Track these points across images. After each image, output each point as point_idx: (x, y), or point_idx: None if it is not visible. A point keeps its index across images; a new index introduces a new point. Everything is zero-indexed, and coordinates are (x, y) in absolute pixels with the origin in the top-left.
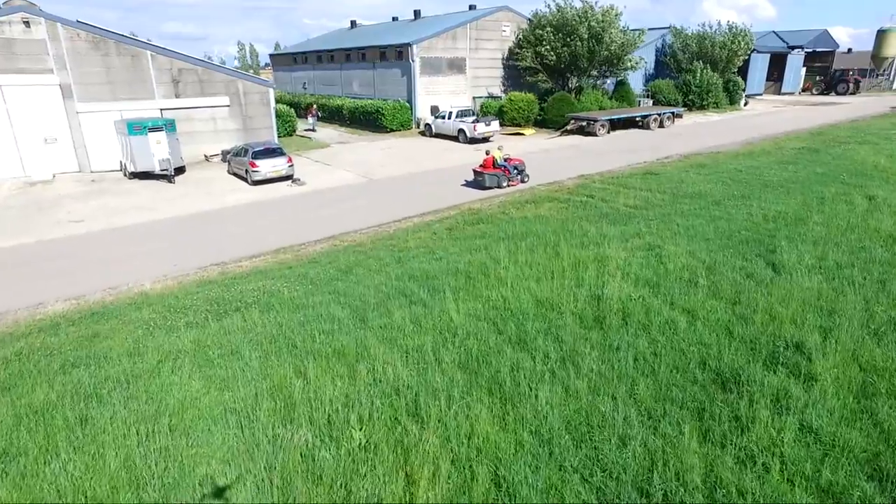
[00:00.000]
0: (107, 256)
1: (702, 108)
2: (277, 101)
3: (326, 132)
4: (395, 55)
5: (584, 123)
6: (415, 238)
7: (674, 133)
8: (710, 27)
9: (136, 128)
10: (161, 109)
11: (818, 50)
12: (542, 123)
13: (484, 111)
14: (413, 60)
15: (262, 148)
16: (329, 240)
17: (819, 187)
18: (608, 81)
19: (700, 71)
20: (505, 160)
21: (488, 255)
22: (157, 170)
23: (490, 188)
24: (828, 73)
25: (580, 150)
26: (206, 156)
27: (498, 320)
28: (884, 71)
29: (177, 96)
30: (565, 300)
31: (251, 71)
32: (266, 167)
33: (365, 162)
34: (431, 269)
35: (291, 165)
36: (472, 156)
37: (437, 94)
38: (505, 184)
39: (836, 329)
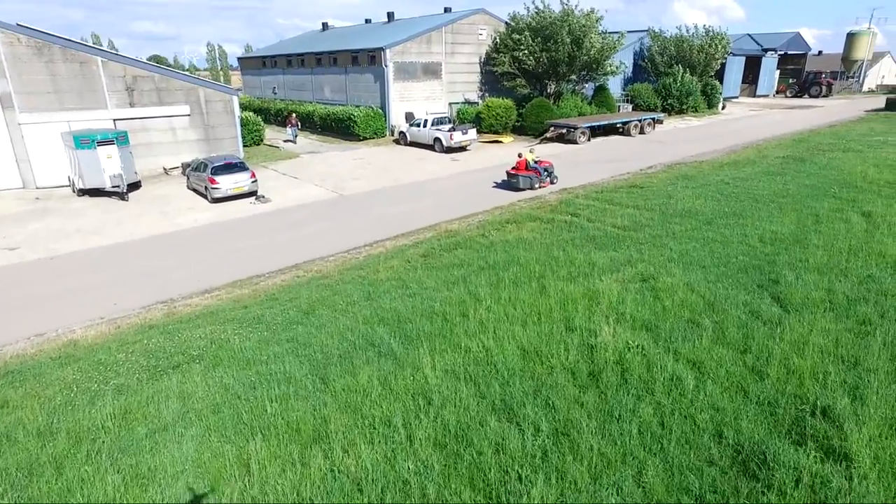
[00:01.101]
0: (38, 293)
1: (681, 112)
2: (246, 107)
3: (297, 140)
4: (368, 60)
5: (564, 131)
6: (386, 267)
7: (655, 140)
8: (688, 30)
9: (84, 141)
10: (114, 120)
11: (791, 52)
12: (520, 130)
13: (460, 118)
14: (386, 65)
15: (222, 162)
16: (292, 269)
17: (811, 202)
18: (587, 86)
19: (679, 75)
20: (535, 162)
21: (467, 290)
22: (107, 186)
23: (524, 189)
24: (801, 75)
25: (561, 160)
26: (165, 169)
27: (480, 379)
28: (854, 73)
29: (132, 105)
30: (555, 350)
31: (221, 73)
32: (227, 183)
33: (336, 174)
34: (404, 310)
35: (255, 181)
36: (450, 166)
37: (411, 100)
38: (537, 185)
39: (865, 388)
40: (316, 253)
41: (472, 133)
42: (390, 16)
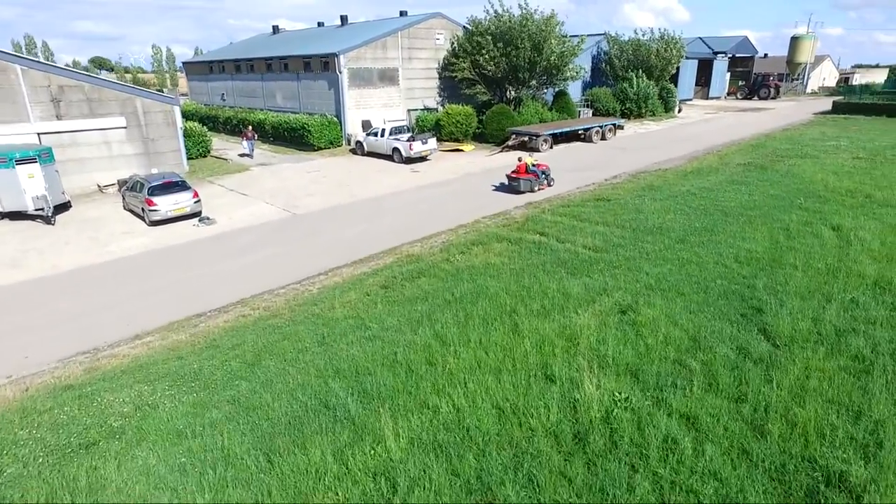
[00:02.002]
0: None
1: (639, 116)
2: (192, 115)
3: (254, 154)
4: (321, 66)
5: (526, 138)
6: (343, 302)
7: (617, 146)
8: (644, 34)
9: (0, 159)
10: (39, 134)
11: (739, 55)
12: (481, 137)
13: (420, 125)
14: (340, 72)
15: (160, 182)
16: (237, 306)
17: (779, 215)
18: (547, 92)
19: (636, 79)
20: (534, 166)
21: (433, 332)
22: (30, 209)
23: (524, 192)
24: (749, 77)
25: None
26: (99, 186)
27: (451, 449)
28: (798, 75)
29: (59, 118)
30: (534, 408)
31: (168, 77)
32: (166, 205)
33: (288, 190)
34: (363, 358)
35: (198, 201)
36: (410, 179)
37: (368, 107)
38: (536, 188)
39: (877, 447)
40: (264, 285)
41: (433, 142)
42: (344, 19)
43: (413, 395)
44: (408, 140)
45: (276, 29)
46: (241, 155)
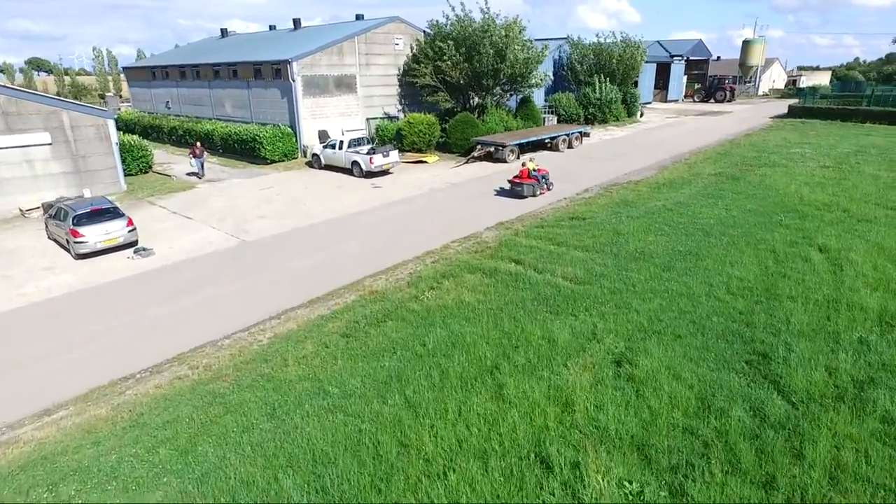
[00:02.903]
0: None
1: (603, 121)
2: (133, 125)
3: (204, 172)
4: (273, 73)
5: (492, 149)
6: (298, 357)
7: (584, 155)
8: (605, 38)
9: None
10: None
11: (694, 58)
12: (444, 147)
13: (380, 134)
14: (294, 79)
15: (87, 209)
16: (174, 364)
17: (762, 234)
18: (512, 98)
19: (599, 84)
20: (535, 170)
21: (404, 398)
22: None
23: (527, 197)
24: (705, 80)
25: (492, 184)
26: (21, 210)
27: None
28: (750, 78)
29: None
30: None
31: (111, 81)
32: (94, 236)
33: (238, 211)
34: (321, 439)
35: (133, 229)
36: (371, 196)
37: (325, 116)
38: (538, 192)
39: None
40: (207, 334)
41: (394, 155)
42: (297, 23)
43: (384, 493)
44: (368, 153)
45: (224, 32)
46: (189, 174)
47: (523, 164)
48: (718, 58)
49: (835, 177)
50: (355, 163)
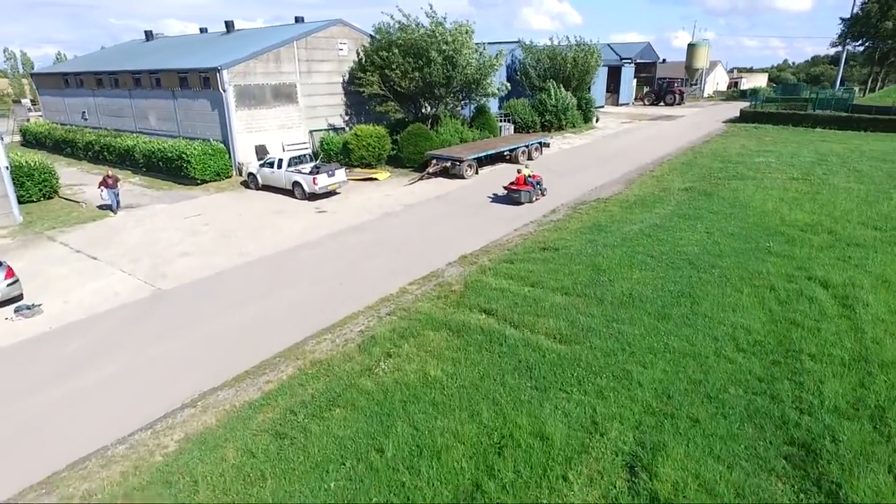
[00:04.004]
0: None
1: (560, 128)
2: (43, 139)
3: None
4: (201, 82)
5: (449, 164)
6: (213, 474)
7: (546, 167)
8: (559, 42)
9: None
10: None
11: (643, 62)
12: (396, 161)
13: (325, 149)
14: (224, 89)
15: None
16: (42, 494)
17: (753, 264)
18: (467, 107)
19: (554, 90)
20: (530, 177)
21: None
22: None
23: (524, 203)
24: (652, 83)
25: (450, 204)
26: None
27: None
28: (696, 81)
29: None
30: None
31: (26, 85)
32: None
33: (157, 246)
34: None
35: (14, 281)
36: (316, 222)
37: (262, 130)
38: (534, 198)
39: None
40: (95, 437)
41: (341, 174)
42: (229, 25)
43: None
44: (311, 172)
45: (149, 35)
46: (102, 207)
47: (518, 171)
48: (664, 60)
49: (807, 191)
50: (297, 184)
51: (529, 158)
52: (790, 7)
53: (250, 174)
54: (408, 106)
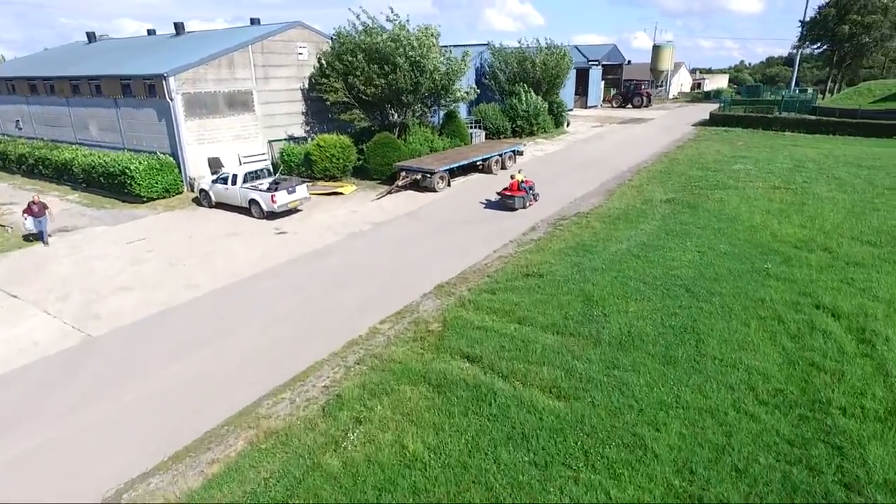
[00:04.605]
0: None
1: (531, 133)
2: None
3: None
4: (146, 90)
5: (419, 176)
6: None
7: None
8: (528, 44)
9: None
10: None
11: (609, 63)
12: (362, 172)
13: (285, 160)
14: (172, 98)
15: None
16: None
17: (754, 289)
18: (436, 114)
19: (524, 94)
20: (523, 182)
21: None
22: None
23: (518, 209)
24: (619, 85)
25: (422, 221)
26: None
27: None
28: (661, 82)
29: None
30: None
31: None
32: None
33: (92, 279)
34: None
35: None
36: (274, 246)
37: (216, 141)
38: (528, 203)
39: None
40: None
41: (303, 190)
42: (179, 27)
43: None
44: (269, 189)
45: (91, 37)
46: (28, 237)
47: (512, 177)
48: (629, 62)
49: (792, 201)
50: (253, 201)
51: (503, 168)
52: (742, 9)
53: (202, 191)
54: (373, 113)
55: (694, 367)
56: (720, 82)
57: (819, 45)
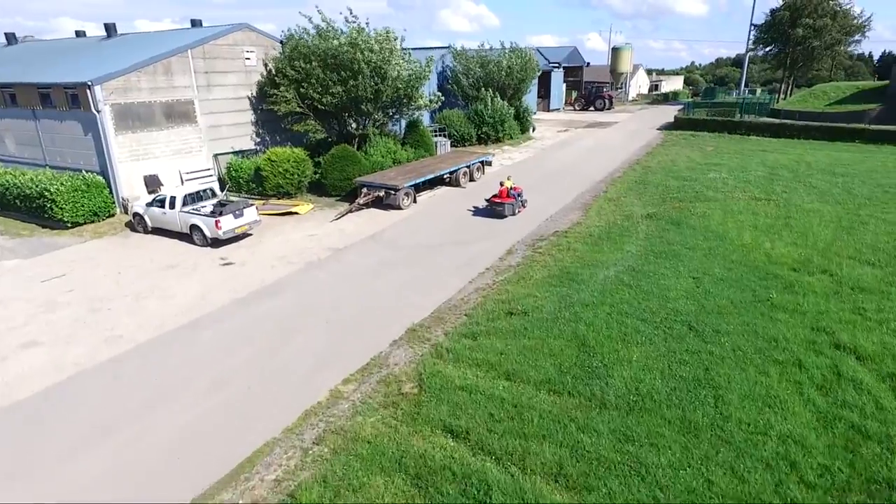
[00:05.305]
0: None
1: (497, 140)
2: None
3: None
4: (68, 100)
5: (383, 193)
6: None
7: (491, 189)
8: (490, 47)
9: None
10: None
11: (570, 66)
12: (319, 188)
13: (233, 176)
14: (99, 109)
15: None
16: None
17: (763, 327)
18: (398, 122)
19: (490, 100)
20: (512, 189)
21: None
22: None
23: (507, 216)
24: (580, 87)
25: (386, 246)
26: None
27: None
28: (621, 84)
29: None
30: None
31: None
32: None
33: None
34: None
35: None
36: (218, 280)
37: (153, 157)
38: (517, 210)
39: None
40: None
41: (252, 213)
42: (110, 29)
43: None
44: (213, 213)
45: (10, 38)
46: None
47: (501, 184)
48: (588, 64)
49: (777, 215)
50: (195, 227)
51: (471, 180)
52: (688, 11)
53: (136, 215)
54: (330, 124)
55: (719, 437)
56: (676, 84)
57: (772, 46)
